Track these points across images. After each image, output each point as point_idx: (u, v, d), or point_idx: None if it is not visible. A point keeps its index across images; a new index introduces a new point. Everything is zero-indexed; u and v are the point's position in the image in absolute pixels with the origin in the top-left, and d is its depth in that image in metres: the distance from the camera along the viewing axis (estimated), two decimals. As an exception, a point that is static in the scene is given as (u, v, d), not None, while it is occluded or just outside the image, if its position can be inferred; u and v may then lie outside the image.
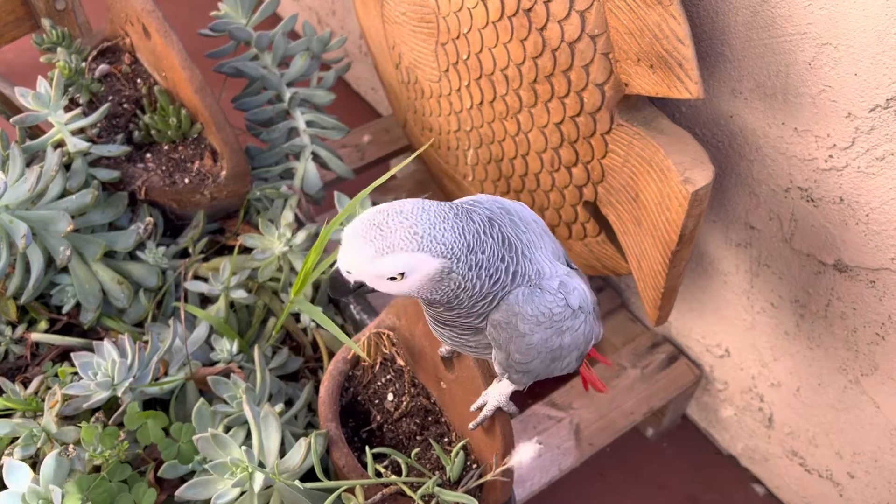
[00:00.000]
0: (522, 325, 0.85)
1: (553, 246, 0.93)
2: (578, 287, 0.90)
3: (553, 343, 0.88)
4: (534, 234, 0.90)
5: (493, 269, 0.82)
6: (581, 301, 0.89)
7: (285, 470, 1.00)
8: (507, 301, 0.85)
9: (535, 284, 0.85)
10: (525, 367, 0.90)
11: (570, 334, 0.89)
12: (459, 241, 0.77)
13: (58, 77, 1.24)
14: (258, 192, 1.42)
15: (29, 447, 1.03)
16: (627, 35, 1.04)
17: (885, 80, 0.96)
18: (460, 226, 0.78)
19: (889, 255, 1.09)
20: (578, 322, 0.90)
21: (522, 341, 0.86)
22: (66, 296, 1.26)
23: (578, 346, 0.93)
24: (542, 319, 0.85)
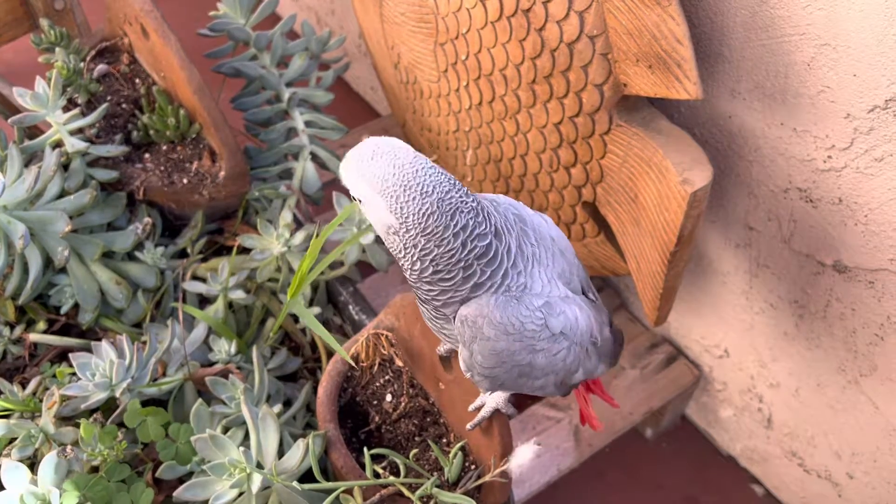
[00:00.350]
0: (488, 329, 0.83)
1: (565, 267, 0.91)
2: (570, 314, 0.88)
3: (521, 358, 0.86)
4: (544, 249, 0.89)
5: (445, 266, 0.81)
6: (566, 328, 0.87)
7: (283, 471, 1.00)
8: (478, 301, 0.84)
9: (513, 296, 0.84)
10: (488, 373, 0.88)
11: (544, 356, 0.87)
12: (420, 218, 0.78)
13: (56, 77, 1.24)
14: (257, 192, 1.42)
15: (27, 448, 1.03)
16: (626, 35, 1.04)
17: (884, 81, 0.96)
18: (438, 207, 0.78)
19: (888, 255, 1.09)
20: (558, 347, 0.88)
21: (486, 345, 0.85)
22: (65, 296, 1.26)
23: (556, 371, 0.90)
24: (511, 330, 0.84)
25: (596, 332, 0.94)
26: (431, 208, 0.78)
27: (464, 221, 0.79)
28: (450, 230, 0.79)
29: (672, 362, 1.62)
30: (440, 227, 0.78)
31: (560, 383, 0.94)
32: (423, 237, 0.79)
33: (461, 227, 0.79)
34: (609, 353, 1.00)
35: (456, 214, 0.79)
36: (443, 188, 0.78)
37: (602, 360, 0.98)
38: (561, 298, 0.88)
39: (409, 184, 0.77)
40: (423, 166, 0.78)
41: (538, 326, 0.85)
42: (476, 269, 0.82)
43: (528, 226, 0.90)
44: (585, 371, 0.95)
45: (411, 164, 0.78)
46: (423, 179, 0.77)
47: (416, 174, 0.77)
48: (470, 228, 0.80)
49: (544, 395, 0.96)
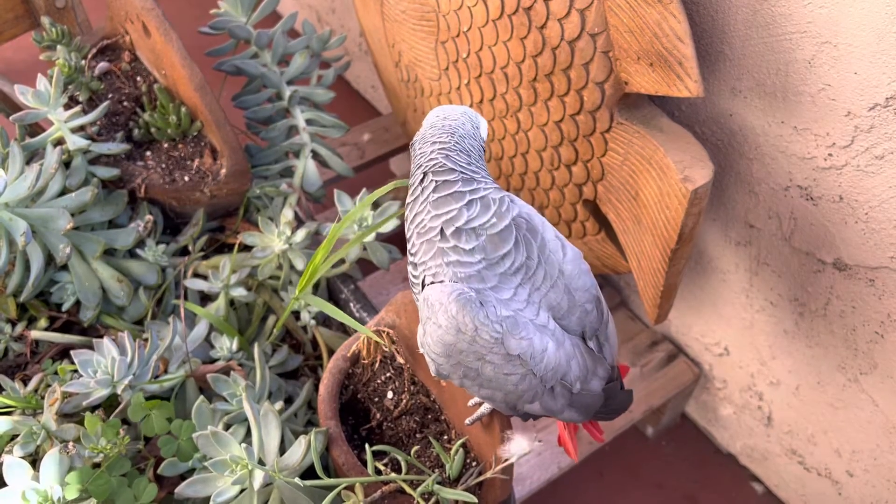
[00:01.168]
0: (442, 317, 0.83)
1: (563, 303, 0.88)
2: (538, 343, 0.84)
3: (468, 361, 0.85)
4: (544, 272, 0.87)
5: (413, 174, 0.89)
6: (526, 354, 0.84)
7: (285, 467, 1.00)
8: (443, 286, 0.83)
9: (478, 298, 0.83)
10: (434, 357, 0.87)
11: (492, 369, 0.85)
12: (428, 136, 0.89)
13: (57, 75, 1.24)
14: (258, 190, 1.42)
15: (28, 445, 1.03)
16: (627, 33, 1.04)
17: (885, 79, 0.96)
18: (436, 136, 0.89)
19: (888, 253, 1.09)
20: (511, 368, 0.84)
21: (437, 332, 0.84)
22: (66, 293, 1.26)
23: (505, 391, 0.87)
24: (463, 330, 0.82)
25: (573, 377, 0.89)
26: (436, 122, 0.91)
27: (446, 139, 0.88)
28: (433, 138, 0.89)
29: (672, 360, 1.63)
30: (430, 135, 0.90)
31: (511, 406, 0.91)
32: (419, 141, 0.91)
33: (440, 141, 0.88)
34: (588, 408, 0.94)
35: (446, 134, 0.89)
36: (458, 122, 0.90)
37: (577, 410, 0.93)
38: (535, 324, 0.85)
39: (443, 111, 0.92)
40: (463, 114, 0.91)
41: (492, 340, 0.83)
42: (430, 182, 0.87)
43: (537, 239, 0.88)
44: (546, 409, 0.91)
45: (457, 109, 0.92)
46: (452, 111, 0.91)
47: (454, 112, 0.92)
48: (446, 147, 0.88)
49: (494, 406, 0.93)
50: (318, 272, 1.14)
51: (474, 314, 0.82)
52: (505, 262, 0.85)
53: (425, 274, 0.87)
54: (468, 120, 0.91)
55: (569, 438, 1.05)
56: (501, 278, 0.85)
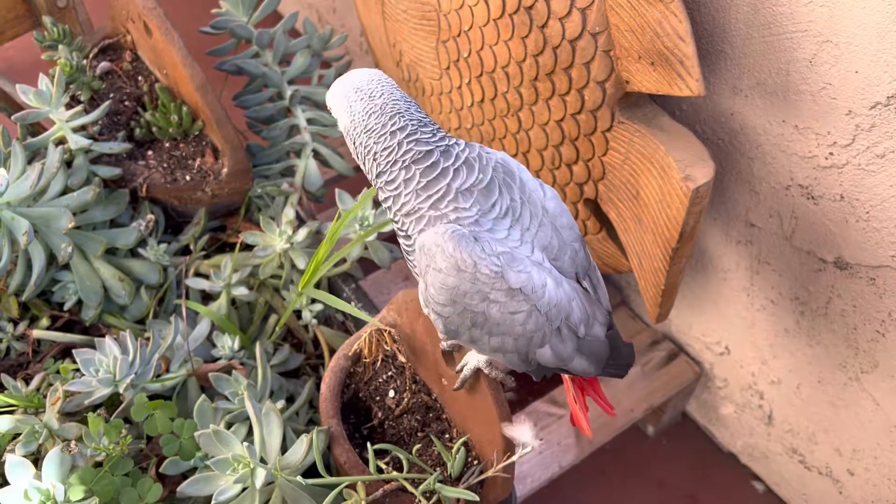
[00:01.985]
0: (441, 259, 0.83)
1: (553, 242, 0.90)
2: (537, 278, 0.85)
3: (474, 304, 0.85)
4: (529, 213, 0.89)
5: (387, 166, 0.87)
6: (528, 288, 0.85)
7: (287, 466, 1.00)
8: (436, 229, 0.84)
9: (472, 233, 0.84)
10: (440, 310, 0.87)
11: (498, 309, 0.85)
12: (364, 116, 0.86)
13: (59, 74, 1.25)
14: (259, 189, 1.42)
15: (31, 444, 1.03)
16: (628, 32, 1.04)
17: (886, 78, 0.96)
18: (380, 109, 0.86)
19: (889, 252, 1.09)
20: (516, 305, 0.85)
21: (438, 277, 0.84)
22: (68, 293, 1.26)
23: (514, 335, 0.87)
24: (463, 267, 0.83)
25: (577, 319, 0.90)
26: (373, 108, 0.86)
27: (402, 123, 0.86)
28: (387, 128, 0.86)
29: (673, 359, 1.63)
30: (378, 125, 0.86)
31: (524, 355, 0.91)
32: (366, 134, 0.87)
33: (398, 128, 0.86)
34: (597, 356, 0.95)
35: (396, 116, 0.86)
36: (391, 97, 0.87)
37: (587, 358, 0.94)
38: (531, 260, 0.86)
39: (360, 88, 0.87)
40: (379, 79, 0.88)
41: (493, 273, 0.83)
42: (415, 173, 0.86)
43: (515, 181, 0.89)
44: (557, 354, 0.91)
45: (370, 77, 0.88)
46: (374, 87, 0.87)
47: (370, 83, 0.87)
48: (408, 131, 0.86)
49: (510, 364, 0.93)
50: (321, 269, 1.14)
51: (471, 249, 0.83)
52: (495, 209, 0.87)
53: (413, 219, 0.88)
54: (391, 87, 0.88)
55: (582, 416, 1.07)
56: (494, 222, 0.87)
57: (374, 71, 0.90)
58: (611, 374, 1.02)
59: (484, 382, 1.02)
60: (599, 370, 0.98)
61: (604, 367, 0.98)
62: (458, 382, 1.02)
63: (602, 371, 0.99)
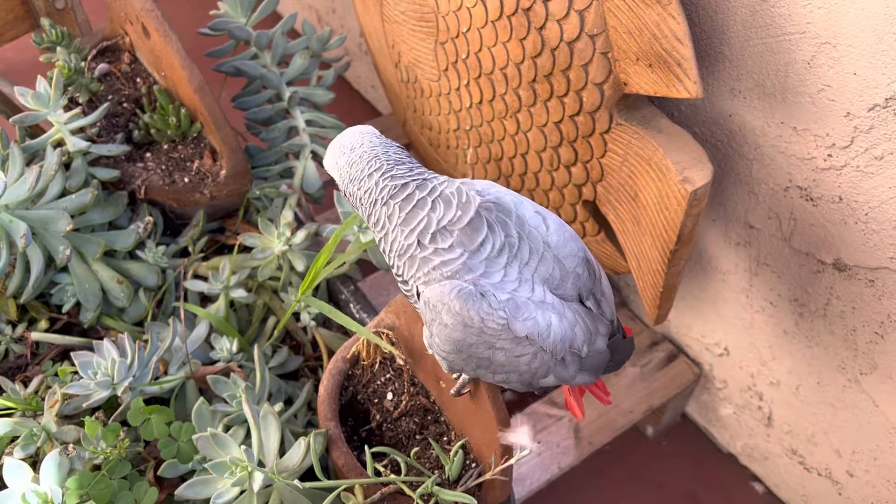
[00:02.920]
0: (447, 316, 0.84)
1: (555, 273, 0.89)
2: (541, 320, 0.85)
3: (479, 352, 0.86)
4: (529, 249, 0.88)
5: (371, 207, 0.89)
6: (533, 333, 0.85)
7: (285, 469, 1.00)
8: (441, 286, 0.84)
9: (478, 290, 0.83)
10: (445, 356, 0.88)
11: (504, 354, 0.86)
12: (348, 168, 0.91)
13: (57, 76, 1.25)
14: (258, 191, 1.42)
15: (29, 446, 1.03)
16: (626, 34, 1.04)
17: (884, 80, 0.96)
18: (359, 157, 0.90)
19: (888, 254, 1.09)
20: (522, 350, 0.86)
21: (444, 331, 0.85)
22: (66, 295, 1.26)
23: (520, 372, 0.89)
24: (469, 324, 0.83)
25: (580, 343, 0.91)
26: (354, 159, 0.90)
27: (377, 165, 0.89)
28: (365, 172, 0.89)
29: (672, 360, 1.63)
30: (358, 171, 0.90)
31: (526, 383, 0.92)
32: (352, 184, 0.91)
33: (374, 169, 0.89)
34: (598, 367, 0.96)
35: (372, 160, 0.89)
36: (370, 145, 0.90)
37: (588, 371, 0.95)
38: (533, 302, 0.86)
39: (344, 145, 0.92)
40: (362, 132, 0.92)
41: (499, 326, 0.84)
42: (394, 208, 0.87)
43: (511, 218, 0.89)
44: (560, 378, 0.92)
45: (356, 133, 0.93)
46: (355, 140, 0.91)
47: (352, 137, 0.92)
48: (383, 170, 0.88)
49: (510, 388, 0.95)
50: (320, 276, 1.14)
51: (478, 306, 0.83)
52: (485, 248, 0.86)
53: (416, 285, 0.89)
54: (371, 136, 0.92)
55: (575, 401, 1.07)
56: (487, 263, 0.86)
57: (363, 127, 0.94)
58: (608, 371, 1.02)
59: (482, 385, 1.02)
60: (598, 377, 0.98)
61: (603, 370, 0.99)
62: (456, 388, 1.02)
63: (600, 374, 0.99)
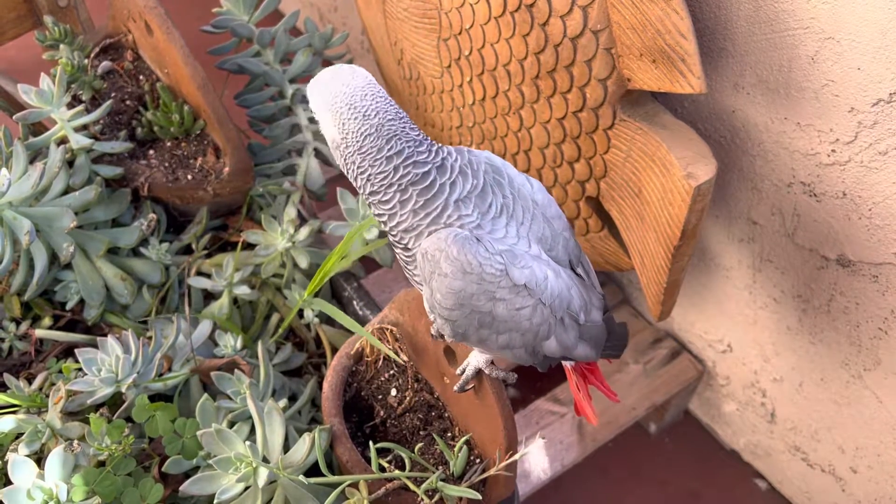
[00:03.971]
0: (445, 264, 0.83)
1: (546, 233, 0.91)
2: (539, 271, 0.86)
3: (481, 304, 0.85)
4: (521, 207, 0.89)
5: (381, 187, 0.85)
6: (532, 282, 0.85)
7: (289, 465, 1.00)
8: (438, 234, 0.84)
9: (474, 235, 0.84)
10: (447, 314, 0.87)
11: (505, 307, 0.86)
12: (358, 137, 0.83)
13: (60, 74, 1.25)
14: (261, 188, 1.42)
15: (33, 443, 1.04)
16: (630, 30, 1.04)
17: (889, 75, 0.96)
18: (376, 131, 0.83)
19: (892, 249, 1.09)
20: (522, 301, 0.86)
21: (444, 282, 0.84)
22: (70, 292, 1.26)
23: (521, 330, 0.88)
24: (468, 269, 0.83)
25: (577, 307, 0.91)
26: (370, 130, 0.83)
27: (399, 147, 0.84)
28: (383, 153, 0.84)
29: (675, 357, 1.63)
30: (374, 149, 0.84)
31: (531, 349, 0.91)
32: (360, 155, 0.84)
33: (395, 153, 0.84)
34: (597, 340, 0.96)
35: (392, 140, 0.83)
36: (385, 115, 0.83)
37: (588, 343, 0.95)
38: (531, 255, 0.87)
39: (354, 105, 0.83)
40: (373, 93, 0.84)
41: (498, 272, 0.84)
42: (412, 194, 0.85)
43: (503, 178, 0.90)
44: (561, 344, 0.92)
45: (362, 89, 0.84)
46: (368, 104, 0.83)
47: (364, 98, 0.83)
48: (405, 155, 0.84)
49: (517, 360, 0.94)
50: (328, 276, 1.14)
51: (475, 250, 0.83)
52: (491, 210, 0.88)
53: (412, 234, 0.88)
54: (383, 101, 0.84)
55: (587, 404, 1.08)
56: (493, 222, 0.87)
57: (362, 76, 0.85)
58: (608, 355, 1.03)
59: (486, 380, 1.02)
60: (599, 354, 0.99)
61: (603, 351, 1.00)
62: (459, 384, 1.02)
63: (600, 354, 1.00)
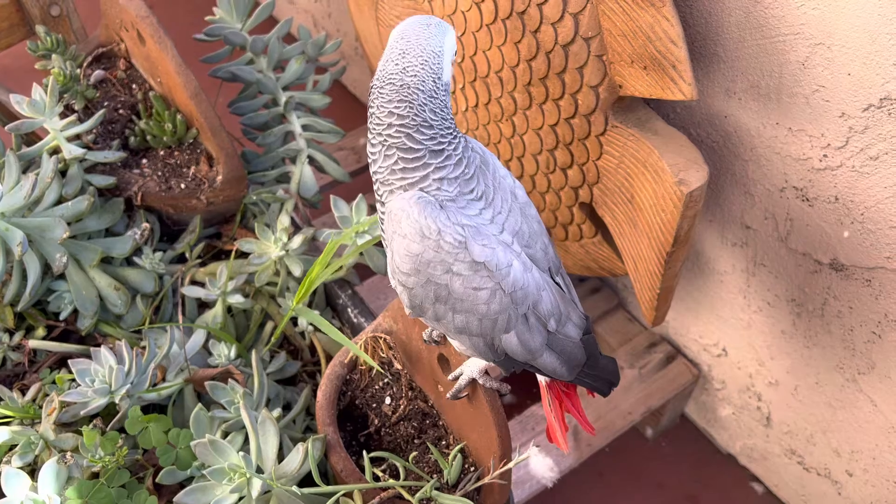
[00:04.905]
0: (406, 225, 0.83)
1: (524, 228, 0.90)
2: (503, 256, 0.84)
3: (437, 274, 0.84)
4: (501, 199, 0.89)
5: (374, 131, 0.85)
6: (491, 263, 0.84)
7: (283, 475, 1.00)
8: (405, 194, 0.84)
9: (438, 201, 0.84)
10: (404, 280, 0.86)
11: (461, 283, 0.84)
12: (385, 76, 0.84)
13: (52, 84, 1.24)
14: (254, 196, 1.42)
15: (27, 455, 1.03)
16: (621, 37, 1.04)
17: (879, 80, 0.96)
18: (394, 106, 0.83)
19: (884, 253, 1.09)
20: (479, 281, 0.84)
21: (402, 243, 0.84)
22: (64, 302, 1.26)
23: (478, 314, 0.86)
24: (427, 234, 0.82)
25: (546, 311, 0.89)
26: (395, 80, 0.83)
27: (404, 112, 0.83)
28: (389, 106, 0.83)
29: (671, 361, 1.63)
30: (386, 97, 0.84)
31: (489, 341, 0.89)
32: (377, 91, 0.84)
33: (398, 114, 0.83)
34: (570, 357, 0.93)
35: (404, 104, 0.83)
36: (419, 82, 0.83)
37: (558, 356, 0.92)
38: (500, 241, 0.86)
39: (406, 37, 0.84)
40: (427, 39, 0.84)
41: (456, 242, 0.83)
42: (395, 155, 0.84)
43: (488, 168, 0.91)
44: (524, 344, 0.89)
45: (420, 28, 0.84)
46: (416, 62, 0.83)
47: (417, 55, 0.83)
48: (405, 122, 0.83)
49: (476, 350, 0.91)
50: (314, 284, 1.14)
51: (435, 215, 0.83)
52: (473, 193, 0.88)
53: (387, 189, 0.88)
54: (430, 67, 0.84)
55: (559, 428, 1.04)
56: (469, 203, 0.87)
57: (431, 20, 0.85)
58: (590, 385, 0.99)
59: (480, 389, 1.02)
60: (573, 375, 0.95)
61: (579, 374, 0.96)
62: (452, 392, 1.02)
63: (577, 378, 0.96)
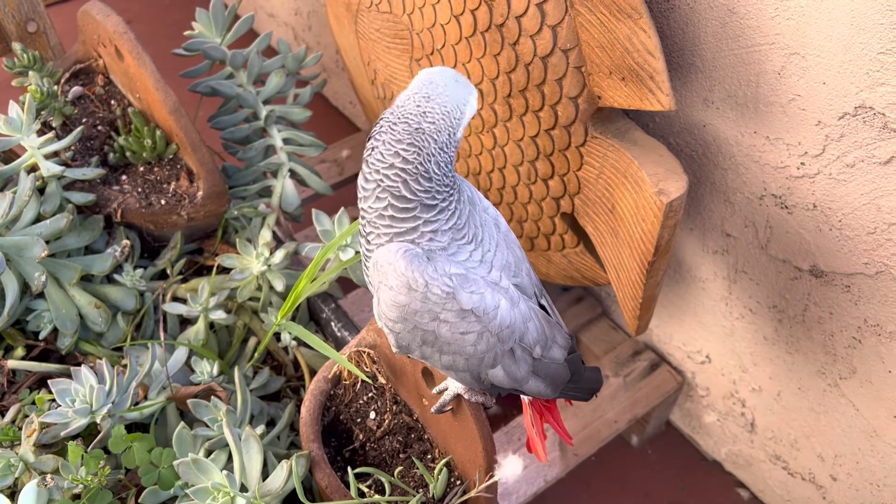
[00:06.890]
0: (393, 278, 0.83)
1: (510, 260, 0.90)
2: (490, 299, 0.85)
3: (424, 322, 0.84)
4: (489, 236, 0.89)
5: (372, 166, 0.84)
6: (479, 310, 0.84)
7: (267, 493, 0.99)
8: (390, 246, 0.84)
9: (426, 252, 0.83)
10: (392, 327, 0.86)
11: (448, 329, 0.85)
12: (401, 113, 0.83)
13: (29, 101, 1.24)
14: (236, 211, 1.41)
15: (6, 477, 1.02)
16: (599, 49, 1.05)
17: (853, 89, 0.97)
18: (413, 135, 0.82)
19: (863, 259, 1.10)
20: (467, 326, 0.85)
21: (389, 294, 0.84)
22: (43, 321, 1.24)
23: (465, 355, 0.87)
24: (414, 286, 0.82)
25: (532, 340, 0.90)
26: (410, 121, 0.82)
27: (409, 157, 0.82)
28: (394, 147, 0.82)
29: (655, 369, 1.63)
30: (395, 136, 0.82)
31: (476, 374, 0.90)
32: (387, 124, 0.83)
33: (402, 158, 0.82)
34: (554, 378, 0.94)
35: (412, 148, 0.82)
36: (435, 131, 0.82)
37: (543, 380, 0.93)
38: (487, 281, 0.86)
39: (429, 97, 0.84)
40: (448, 111, 0.83)
41: (444, 293, 0.83)
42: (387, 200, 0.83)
43: (476, 207, 0.91)
44: (510, 376, 0.90)
45: (445, 106, 0.84)
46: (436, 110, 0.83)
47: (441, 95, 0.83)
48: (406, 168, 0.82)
49: (462, 382, 0.92)
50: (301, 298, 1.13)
51: (423, 269, 0.82)
52: (464, 239, 0.88)
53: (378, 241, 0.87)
54: (450, 119, 0.83)
55: (538, 441, 1.05)
56: (459, 246, 0.87)
57: (460, 77, 0.86)
58: (573, 396, 1.00)
59: (465, 402, 1.01)
60: (557, 393, 0.96)
61: (563, 390, 0.97)
62: (437, 406, 1.02)
63: (561, 394, 0.97)
